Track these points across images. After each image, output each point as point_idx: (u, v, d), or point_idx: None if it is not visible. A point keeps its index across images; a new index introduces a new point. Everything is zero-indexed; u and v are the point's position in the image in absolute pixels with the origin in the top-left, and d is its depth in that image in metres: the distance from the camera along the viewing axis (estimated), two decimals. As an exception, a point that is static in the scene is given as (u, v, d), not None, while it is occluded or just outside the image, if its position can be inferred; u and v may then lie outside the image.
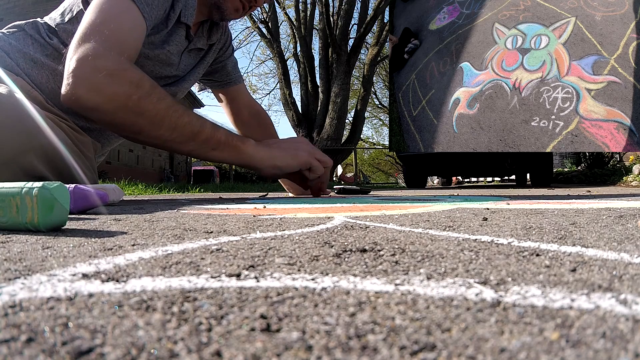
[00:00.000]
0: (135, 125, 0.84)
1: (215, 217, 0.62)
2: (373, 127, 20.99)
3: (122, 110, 0.81)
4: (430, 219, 0.55)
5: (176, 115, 0.86)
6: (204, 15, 1.10)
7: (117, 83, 0.80)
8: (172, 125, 0.86)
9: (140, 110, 0.82)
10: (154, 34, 0.98)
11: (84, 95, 0.79)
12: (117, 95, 0.80)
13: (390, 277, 0.24)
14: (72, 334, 0.16)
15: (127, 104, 0.80)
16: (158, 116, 0.84)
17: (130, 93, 0.80)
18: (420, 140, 2.97)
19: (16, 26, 1.00)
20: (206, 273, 0.25)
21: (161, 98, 0.84)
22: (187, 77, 1.15)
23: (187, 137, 0.89)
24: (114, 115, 0.82)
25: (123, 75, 0.80)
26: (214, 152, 0.94)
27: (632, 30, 2.47)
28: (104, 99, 0.80)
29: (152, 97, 0.83)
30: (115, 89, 0.80)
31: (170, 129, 0.86)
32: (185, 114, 0.88)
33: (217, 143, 0.93)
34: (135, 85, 0.81)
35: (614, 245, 0.33)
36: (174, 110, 0.86)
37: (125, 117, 0.82)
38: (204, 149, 0.93)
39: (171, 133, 0.87)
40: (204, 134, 0.90)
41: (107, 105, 0.80)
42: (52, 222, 0.43)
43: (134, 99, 0.81)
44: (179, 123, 0.86)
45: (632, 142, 2.31)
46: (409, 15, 3.43)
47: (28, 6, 5.36)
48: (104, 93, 0.79)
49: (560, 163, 9.16)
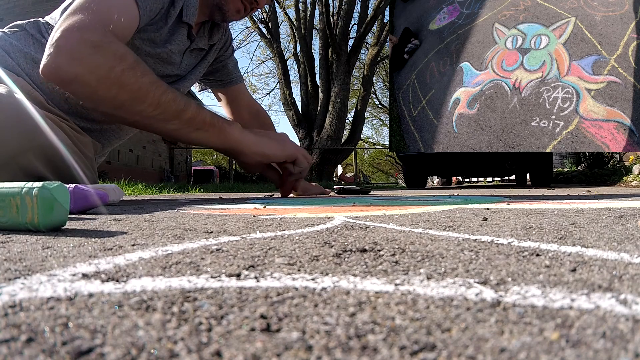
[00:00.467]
0: (117, 99, 0.81)
1: (215, 217, 0.62)
2: (373, 127, 20.99)
3: (104, 82, 0.79)
4: (430, 219, 0.55)
5: (160, 91, 0.83)
6: (205, 15, 1.10)
7: (100, 54, 0.78)
8: (154, 101, 0.83)
9: (122, 82, 0.79)
10: (154, 31, 0.98)
11: (65, 66, 0.77)
12: (99, 66, 0.78)
13: (390, 277, 0.24)
14: (72, 334, 0.16)
15: (109, 75, 0.78)
16: (141, 90, 0.81)
17: (112, 65, 0.78)
18: (420, 140, 2.97)
19: (17, 26, 1.00)
20: (206, 273, 0.25)
21: (145, 72, 0.82)
22: (188, 77, 1.15)
23: (171, 114, 0.86)
24: (94, 88, 0.79)
25: (107, 47, 0.79)
26: (198, 132, 0.91)
27: (632, 30, 2.47)
28: (85, 70, 0.77)
29: (135, 71, 0.81)
30: (98, 60, 0.78)
31: (153, 105, 0.83)
32: (169, 90, 0.85)
33: (201, 123, 0.90)
34: (119, 58, 0.79)
35: (614, 245, 0.33)
36: (158, 86, 0.83)
37: (106, 90, 0.80)
38: (188, 129, 0.90)
39: (154, 109, 0.84)
40: (188, 113, 0.88)
41: (88, 76, 0.78)
42: (52, 222, 0.43)
43: (117, 70, 0.78)
44: (163, 99, 0.84)
45: (632, 142, 2.31)
46: (409, 15, 3.43)
47: (28, 6, 5.36)
48: (85, 63, 0.77)
49: (560, 163, 9.15)
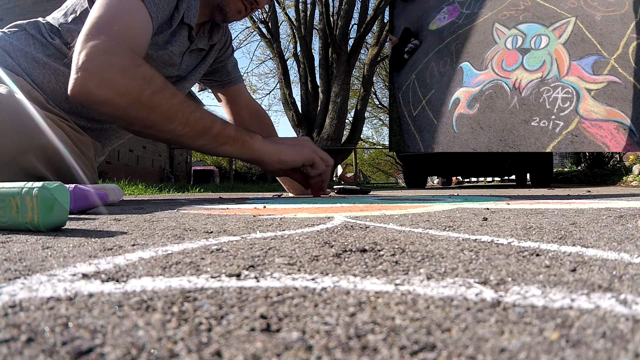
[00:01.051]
0: (148, 119, 0.85)
1: (215, 217, 0.62)
2: (373, 127, 20.99)
3: (135, 104, 0.82)
4: (430, 219, 0.55)
5: (188, 111, 0.87)
6: (205, 16, 1.10)
7: (129, 78, 0.80)
8: (184, 120, 0.87)
9: (153, 104, 0.83)
10: (158, 34, 0.98)
11: (95, 90, 0.79)
12: (129, 89, 0.80)
13: (390, 277, 0.24)
14: (72, 334, 0.16)
15: (139, 98, 0.81)
16: (171, 111, 0.85)
17: (143, 88, 0.81)
18: (420, 140, 2.97)
19: (17, 26, 1.00)
20: (206, 273, 0.25)
21: (174, 94, 0.86)
22: (188, 77, 1.15)
23: (199, 132, 0.90)
24: (125, 110, 0.82)
25: (135, 70, 0.81)
26: (224, 146, 0.96)
27: (632, 30, 2.47)
28: (115, 94, 0.80)
29: (165, 93, 0.84)
30: (127, 84, 0.80)
31: (182, 124, 0.87)
32: (197, 109, 0.89)
33: (227, 138, 0.95)
34: (148, 81, 0.82)
35: (614, 245, 0.33)
36: (186, 106, 0.87)
37: (137, 112, 0.83)
38: (215, 144, 0.95)
39: (183, 128, 0.88)
40: (215, 129, 0.92)
41: (119, 99, 0.80)
42: (52, 222, 0.43)
43: (147, 93, 0.81)
44: (191, 118, 0.88)
45: (632, 142, 2.31)
46: (409, 15, 3.43)
47: (28, 6, 5.36)
48: (114, 87, 0.80)
49: (560, 163, 9.15)
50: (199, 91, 1.46)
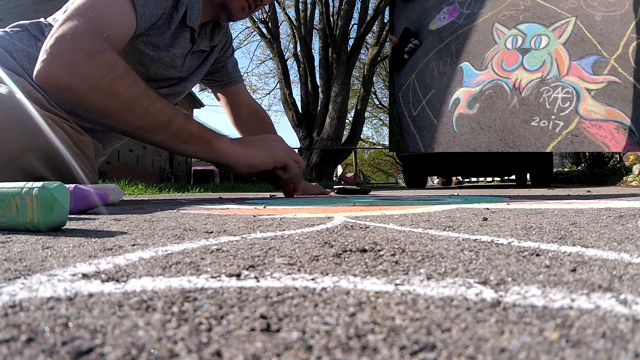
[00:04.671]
0: (106, 108, 0.81)
1: (215, 217, 0.62)
2: (373, 127, 20.99)
3: (94, 91, 0.79)
4: (430, 219, 0.55)
5: (148, 102, 0.84)
6: (209, 16, 1.10)
7: (91, 63, 0.78)
8: (142, 111, 0.83)
9: (111, 92, 0.80)
10: (157, 36, 0.97)
11: (57, 73, 0.78)
12: (91, 75, 0.78)
13: (390, 277, 0.24)
14: (72, 334, 0.16)
15: (99, 84, 0.78)
16: (129, 100, 0.81)
17: (103, 74, 0.78)
18: (420, 140, 2.97)
19: (20, 26, 1.00)
20: (206, 273, 0.25)
21: (135, 82, 0.82)
22: (189, 78, 1.15)
23: (158, 125, 0.86)
24: (85, 96, 0.80)
25: (99, 56, 0.79)
26: (185, 144, 0.92)
27: (632, 30, 2.47)
28: (76, 78, 0.78)
29: (125, 80, 0.81)
30: (89, 69, 0.78)
31: (141, 115, 0.84)
32: (157, 101, 0.85)
33: (188, 135, 0.91)
34: (110, 67, 0.79)
35: (614, 245, 0.33)
36: (146, 96, 0.83)
37: (96, 99, 0.80)
38: (174, 141, 0.91)
39: (141, 119, 0.84)
40: (175, 125, 0.88)
41: (79, 84, 0.78)
42: (52, 222, 0.43)
43: (107, 80, 0.78)
44: (150, 110, 0.84)
45: (632, 142, 2.31)
46: (409, 15, 3.43)
47: (28, 6, 5.36)
48: (77, 72, 0.77)
49: (560, 163, 9.15)
50: (199, 91, 1.46)
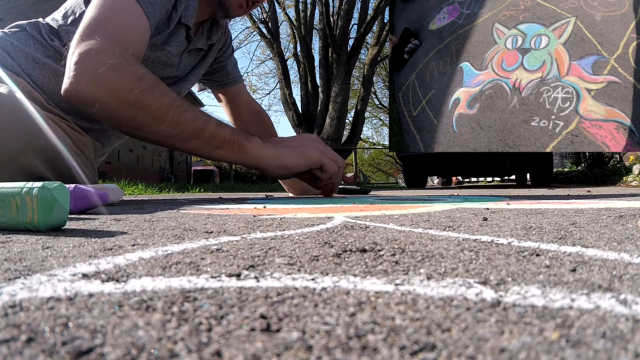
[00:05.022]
0: (136, 120, 0.82)
1: (215, 217, 0.62)
2: (373, 127, 21.00)
3: (123, 104, 0.79)
4: (430, 219, 0.55)
5: (179, 111, 0.83)
6: (206, 14, 1.09)
7: (118, 76, 0.78)
8: (174, 121, 0.83)
9: (141, 104, 0.80)
10: (155, 35, 0.97)
11: (85, 89, 0.78)
12: (119, 88, 0.78)
13: (390, 277, 0.24)
14: (72, 334, 0.16)
15: (128, 97, 0.79)
16: (160, 111, 0.81)
17: (132, 86, 0.78)
18: (420, 140, 2.97)
19: (18, 26, 1.00)
20: (206, 273, 0.25)
21: (164, 93, 0.82)
22: (187, 78, 1.15)
23: (191, 134, 0.86)
24: (114, 110, 0.80)
25: (126, 69, 0.79)
26: (219, 150, 0.91)
27: (632, 30, 2.47)
28: (104, 92, 0.78)
29: (154, 91, 0.81)
30: (117, 82, 0.78)
31: (173, 125, 0.83)
32: (189, 110, 0.85)
33: (221, 141, 0.90)
34: (138, 79, 0.79)
35: (614, 245, 0.33)
36: (177, 106, 0.83)
37: (126, 112, 0.80)
38: (208, 147, 0.90)
39: (173, 129, 0.84)
40: (208, 132, 0.87)
41: (108, 98, 0.78)
42: (52, 222, 0.43)
43: (136, 92, 0.79)
44: (182, 119, 0.84)
45: (632, 142, 2.31)
46: (409, 15, 3.43)
47: (28, 6, 5.36)
48: (105, 86, 0.78)
49: (560, 163, 9.16)
50: (198, 91, 1.46)
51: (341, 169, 1.11)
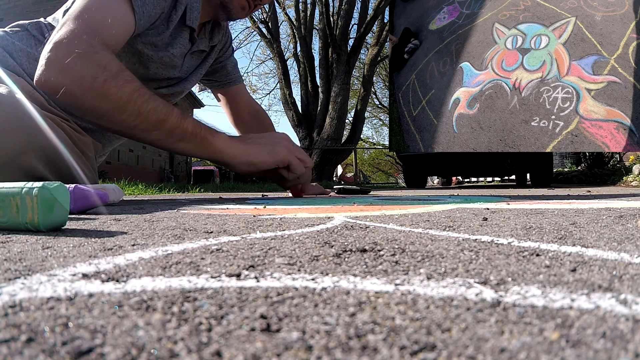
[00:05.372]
0: (99, 109, 0.81)
1: (215, 217, 0.62)
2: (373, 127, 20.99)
3: (88, 93, 0.79)
4: (430, 219, 0.55)
5: (141, 100, 0.82)
6: (208, 16, 1.09)
7: (84, 65, 0.78)
8: (135, 110, 0.82)
9: (104, 92, 0.79)
10: (156, 35, 0.97)
11: (53, 77, 0.78)
12: (84, 77, 0.78)
13: (390, 277, 0.24)
14: (72, 334, 0.16)
15: (92, 86, 0.78)
16: (122, 100, 0.81)
17: (96, 75, 0.78)
18: (420, 140, 2.97)
19: (19, 25, 1.00)
20: (206, 273, 0.25)
21: (128, 81, 0.81)
22: (189, 78, 1.15)
23: (152, 124, 0.85)
24: (80, 98, 0.79)
25: (91, 57, 0.79)
26: (180, 143, 0.90)
27: (632, 30, 2.47)
28: (70, 81, 0.78)
29: (117, 80, 0.80)
30: (82, 71, 0.78)
31: (134, 115, 0.82)
32: (151, 99, 0.84)
33: (183, 133, 0.89)
34: (103, 68, 0.79)
35: (614, 245, 0.33)
36: (140, 95, 0.82)
37: (90, 101, 0.80)
38: (170, 140, 0.89)
39: (134, 119, 0.83)
40: (169, 123, 0.86)
41: (74, 87, 0.78)
42: (52, 222, 0.43)
43: (99, 81, 0.78)
44: (143, 109, 0.83)
45: (632, 142, 2.31)
46: (409, 15, 3.43)
47: (28, 6, 5.36)
48: (71, 75, 0.78)
49: (560, 163, 9.16)
50: (198, 91, 1.47)
51: (309, 170, 1.10)
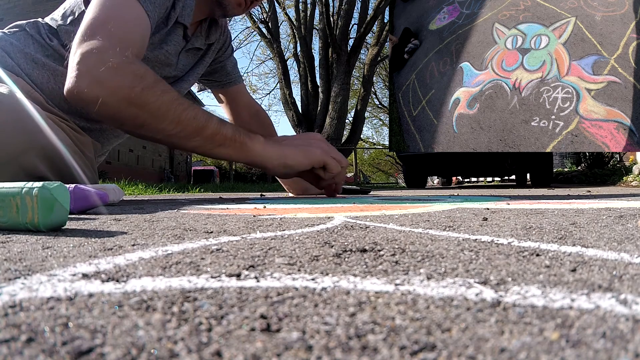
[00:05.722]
0: (138, 118, 0.81)
1: (215, 217, 0.62)
2: (373, 127, 20.99)
3: (125, 102, 0.79)
4: (430, 219, 0.55)
5: (180, 109, 0.83)
6: (204, 13, 1.09)
7: (120, 75, 0.78)
8: (175, 118, 0.83)
9: (142, 102, 0.80)
10: (154, 34, 0.97)
11: (87, 89, 0.78)
12: (120, 87, 0.78)
13: (390, 277, 0.24)
14: (72, 334, 0.16)
15: (129, 95, 0.79)
16: (161, 109, 0.81)
17: (133, 85, 0.78)
18: (420, 140, 2.97)
19: (17, 26, 1.00)
20: (206, 273, 0.25)
21: (165, 91, 0.82)
22: (186, 77, 1.15)
23: (192, 132, 0.86)
24: (116, 109, 0.80)
25: (127, 67, 0.79)
26: (220, 148, 0.91)
27: (632, 30, 2.47)
28: (106, 92, 0.78)
29: (155, 90, 0.81)
30: (118, 81, 0.78)
31: (174, 123, 0.83)
32: (190, 107, 0.85)
33: (223, 139, 0.89)
34: (139, 78, 0.79)
35: (614, 245, 0.33)
36: (179, 104, 0.83)
37: (127, 110, 0.80)
38: (210, 145, 0.90)
39: (174, 127, 0.84)
40: (210, 129, 0.87)
41: (110, 97, 0.78)
42: (52, 222, 0.43)
43: (137, 90, 0.79)
44: (183, 117, 0.84)
45: (632, 142, 2.31)
46: (409, 15, 3.43)
47: (28, 6, 5.36)
48: (106, 85, 0.78)
49: (561, 163, 9.16)
50: (198, 91, 1.46)
51: (345, 169, 1.10)
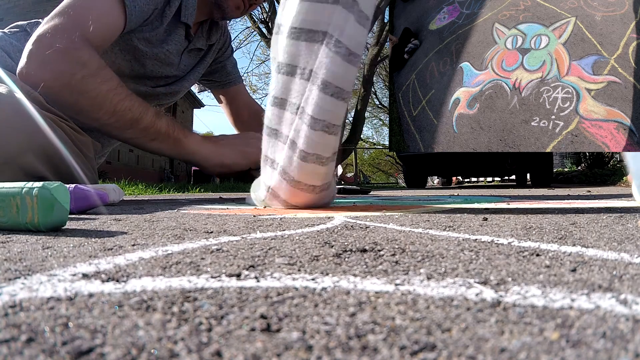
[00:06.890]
0: (77, 105, 0.82)
1: (215, 217, 0.62)
2: (373, 127, 20.96)
3: (66, 88, 0.80)
4: (430, 219, 0.55)
5: (117, 99, 0.83)
6: (204, 15, 1.09)
7: (64, 60, 0.79)
8: (110, 108, 0.83)
9: (81, 89, 0.80)
10: (150, 31, 0.97)
11: (34, 71, 0.79)
12: (62, 72, 0.79)
13: (390, 277, 0.24)
14: (72, 334, 0.16)
15: (70, 82, 0.79)
16: (98, 98, 0.82)
17: (74, 71, 0.79)
18: (420, 140, 2.96)
19: (18, 26, 1.01)
20: (206, 273, 0.25)
21: (105, 80, 0.82)
22: (187, 77, 1.15)
23: (126, 123, 0.86)
24: (58, 93, 0.81)
25: (72, 53, 0.79)
26: (154, 142, 0.91)
27: (632, 30, 2.46)
28: (49, 75, 0.79)
29: (96, 78, 0.81)
30: (62, 67, 0.79)
31: (109, 113, 0.84)
32: (127, 98, 0.85)
33: (156, 133, 0.90)
34: (82, 64, 0.80)
35: (614, 245, 0.33)
36: (116, 94, 0.83)
37: (68, 96, 0.81)
38: (143, 139, 0.90)
39: (109, 117, 0.84)
40: (144, 122, 0.87)
41: (53, 82, 0.79)
42: (52, 222, 0.43)
43: (77, 77, 0.79)
44: (119, 107, 0.84)
45: (632, 142, 2.30)
46: (409, 15, 3.42)
47: (28, 6, 5.36)
48: (51, 69, 0.78)
49: (561, 163, 9.16)
50: (198, 92, 1.46)
51: None
